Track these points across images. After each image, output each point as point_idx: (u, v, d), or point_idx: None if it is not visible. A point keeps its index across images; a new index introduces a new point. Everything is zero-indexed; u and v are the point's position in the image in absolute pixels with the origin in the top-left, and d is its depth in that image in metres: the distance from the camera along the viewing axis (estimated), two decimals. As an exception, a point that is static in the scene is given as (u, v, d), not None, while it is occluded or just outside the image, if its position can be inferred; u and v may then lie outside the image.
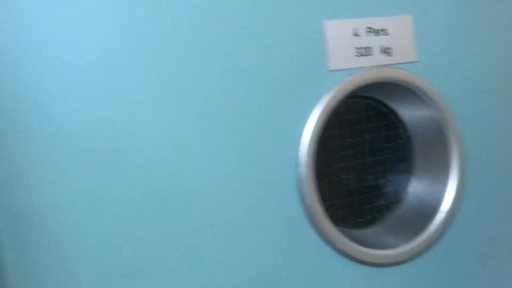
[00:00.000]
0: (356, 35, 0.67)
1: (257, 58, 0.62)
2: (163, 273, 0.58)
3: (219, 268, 0.61)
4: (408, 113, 0.77)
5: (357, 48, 0.68)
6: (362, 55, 0.68)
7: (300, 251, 0.65)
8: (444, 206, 0.73)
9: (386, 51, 0.69)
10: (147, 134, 0.57)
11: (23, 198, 0.51)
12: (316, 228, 0.65)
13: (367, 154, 0.77)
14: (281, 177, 0.64)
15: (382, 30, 0.69)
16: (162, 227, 0.58)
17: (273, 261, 0.63)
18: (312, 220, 0.65)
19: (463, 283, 0.75)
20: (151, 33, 0.57)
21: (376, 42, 0.69)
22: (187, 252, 0.59)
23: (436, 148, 0.75)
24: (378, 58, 0.69)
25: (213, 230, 0.60)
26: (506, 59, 0.76)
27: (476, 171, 0.75)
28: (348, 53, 0.67)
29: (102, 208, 0.54)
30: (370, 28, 0.68)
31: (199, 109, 0.59)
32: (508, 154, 0.77)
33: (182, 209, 0.59)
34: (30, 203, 0.51)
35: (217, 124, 0.61)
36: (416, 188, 0.78)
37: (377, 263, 0.68)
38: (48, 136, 0.52)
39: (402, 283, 0.71)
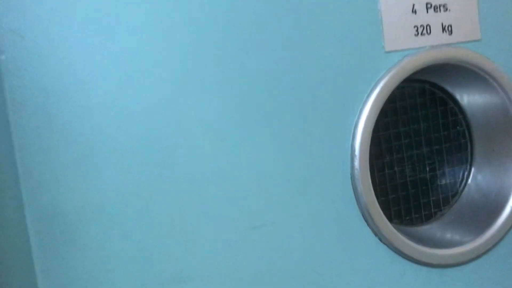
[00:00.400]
0: (414, 12, 0.61)
1: (308, 41, 0.56)
2: (210, 278, 0.53)
3: (269, 271, 0.56)
4: (468, 97, 0.70)
5: (415, 27, 0.61)
6: (420, 34, 0.61)
7: (355, 251, 0.59)
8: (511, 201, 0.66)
9: (447, 29, 0.62)
10: (191, 131, 0.52)
11: (61, 198, 0.47)
12: (371, 227, 0.59)
13: (423, 144, 0.70)
14: (334, 172, 0.58)
15: (442, 5, 0.62)
16: (208, 229, 0.53)
17: (325, 262, 0.58)
18: (368, 217, 0.59)
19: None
20: (191, 21, 0.52)
21: (436, 19, 0.62)
22: (235, 255, 0.54)
23: (499, 136, 0.68)
24: (438, 37, 0.62)
25: (261, 231, 0.55)
26: None
27: (546, 160, 0.68)
28: (405, 32, 0.60)
29: (142, 209, 0.50)
30: (429, 3, 0.61)
31: (245, 100, 0.54)
32: None
33: (228, 209, 0.54)
34: (68, 203, 0.47)
35: (265, 116, 0.55)
36: (476, 180, 0.71)
37: (436, 264, 0.62)
38: (84, 133, 0.47)
39: (464, 286, 0.65)
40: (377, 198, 0.66)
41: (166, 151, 0.51)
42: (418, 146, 0.70)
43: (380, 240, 0.60)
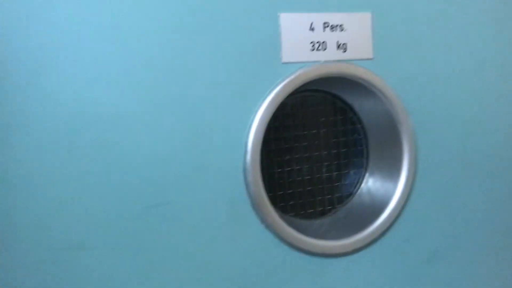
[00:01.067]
0: (311, 29, 0.69)
1: (211, 47, 0.64)
2: (111, 248, 0.60)
3: (162, 245, 0.63)
4: (364, 109, 0.78)
5: (312, 42, 0.69)
6: (316, 50, 0.69)
7: (242, 235, 0.67)
8: (392, 202, 0.75)
9: (341, 46, 0.71)
10: (94, 114, 0.59)
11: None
12: (259, 214, 0.67)
13: (322, 147, 0.78)
14: (229, 163, 0.66)
15: (339, 25, 0.70)
16: (110, 204, 0.60)
17: (214, 242, 0.65)
18: (255, 206, 0.67)
19: (408, 280, 0.77)
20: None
21: (332, 38, 0.70)
22: (133, 230, 0.61)
23: (389, 145, 0.77)
24: (333, 53, 0.70)
25: (158, 210, 0.62)
26: (459, 59, 0.77)
27: (427, 169, 0.76)
28: (302, 47, 0.68)
29: (48, 183, 0.57)
30: (326, 23, 0.70)
31: (151, 94, 0.61)
32: (459, 152, 0.78)
33: (129, 187, 0.61)
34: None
35: (171, 108, 0.62)
36: (368, 183, 0.80)
37: (317, 253, 0.70)
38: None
39: (342, 275, 0.72)
40: (275, 192, 0.75)
41: (76, 131, 0.58)
42: (317, 149, 0.78)
43: (266, 227, 0.68)
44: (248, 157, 0.66)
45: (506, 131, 0.80)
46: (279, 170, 0.75)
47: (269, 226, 0.68)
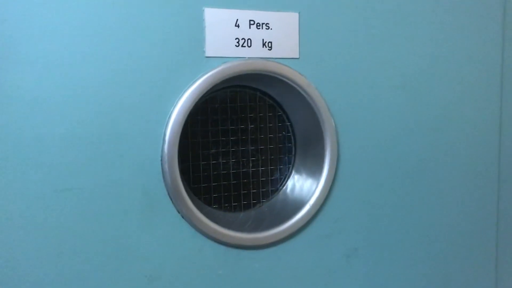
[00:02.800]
0: (237, 26, 0.70)
1: (136, 37, 0.65)
2: (19, 229, 0.61)
3: (72, 231, 0.64)
4: (292, 107, 0.80)
5: (237, 39, 0.71)
6: (241, 46, 0.71)
7: (158, 224, 0.68)
8: (312, 199, 0.77)
9: (267, 44, 0.72)
10: (16, 99, 0.60)
11: None
12: (175, 204, 0.68)
13: (249, 143, 0.80)
14: (147, 153, 0.67)
15: (264, 24, 0.72)
16: (18, 188, 0.61)
17: (129, 230, 0.66)
18: (172, 196, 0.68)
19: (327, 275, 0.79)
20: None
21: (257, 35, 0.72)
22: (40, 213, 0.62)
23: (314, 143, 0.79)
24: (258, 51, 0.72)
25: (67, 194, 0.63)
26: (383, 59, 0.79)
27: (348, 167, 0.78)
28: (227, 42, 0.70)
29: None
30: (252, 20, 0.71)
31: (70, 79, 0.62)
32: (380, 151, 0.80)
33: (37, 172, 0.61)
34: None
35: (90, 95, 0.63)
36: (294, 179, 0.82)
37: (233, 244, 0.72)
38: None
39: (259, 267, 0.74)
40: (199, 184, 0.76)
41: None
42: (244, 144, 0.80)
43: (182, 217, 0.69)
44: (166, 147, 0.67)
45: (427, 131, 0.83)
46: (204, 162, 0.77)
47: (185, 216, 0.69)
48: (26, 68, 0.60)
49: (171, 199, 0.68)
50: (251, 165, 0.80)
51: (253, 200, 0.81)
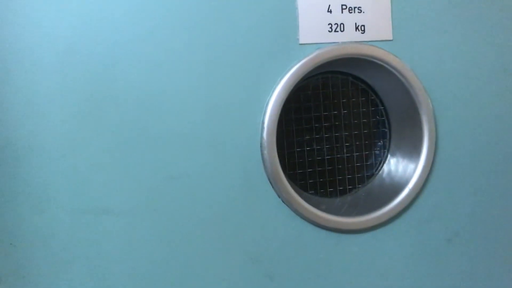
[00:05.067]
0: (329, 11, 0.71)
1: (231, 28, 0.68)
2: (132, 214, 0.66)
3: (181, 215, 0.68)
4: (385, 91, 0.79)
5: (330, 24, 0.71)
6: (334, 31, 0.71)
7: (259, 208, 0.70)
8: (411, 182, 0.75)
9: (360, 28, 0.72)
10: (131, 95, 0.65)
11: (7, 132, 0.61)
12: (275, 189, 0.70)
13: (343, 128, 0.80)
14: (246, 140, 0.70)
15: (357, 7, 0.72)
16: (133, 175, 0.66)
17: (232, 215, 0.70)
18: (272, 181, 0.70)
19: (428, 260, 0.77)
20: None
21: (350, 19, 0.72)
22: (154, 199, 0.67)
23: (410, 126, 0.77)
24: (351, 35, 0.72)
25: (178, 181, 0.67)
26: (480, 41, 0.76)
27: (447, 150, 0.76)
28: (320, 28, 0.71)
29: (76, 148, 0.64)
30: (344, 5, 0.71)
31: (173, 71, 0.66)
32: (479, 135, 0.77)
33: (152, 160, 0.66)
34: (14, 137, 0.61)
35: (192, 89, 0.67)
36: (389, 164, 0.81)
37: (333, 228, 0.72)
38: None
39: (358, 251, 0.74)
40: (295, 170, 0.78)
41: (103, 102, 0.64)
42: (338, 130, 0.80)
43: (283, 201, 0.71)
44: (265, 134, 0.69)
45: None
46: (299, 149, 0.78)
47: (285, 201, 0.71)
48: (137, 69, 0.65)
49: (271, 184, 0.70)
50: (345, 150, 0.81)
51: (348, 186, 0.81)
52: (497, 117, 0.78)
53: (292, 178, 0.79)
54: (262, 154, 0.70)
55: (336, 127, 0.80)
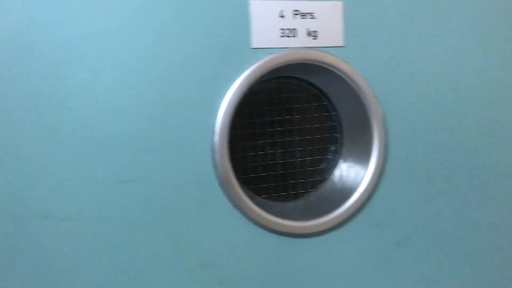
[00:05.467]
0: (281, 16, 0.71)
1: (183, 31, 0.67)
2: (78, 219, 0.64)
3: (132, 220, 0.66)
4: (338, 96, 0.80)
5: (282, 29, 0.72)
6: (286, 36, 0.72)
7: (210, 213, 0.70)
8: (361, 187, 0.77)
9: (312, 34, 0.73)
10: (76, 96, 0.63)
11: None
12: (227, 193, 0.70)
13: (296, 133, 0.81)
14: (197, 144, 0.69)
15: (309, 13, 0.73)
16: (79, 179, 0.64)
17: (183, 219, 0.68)
18: (223, 185, 0.70)
19: (378, 264, 0.79)
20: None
21: (302, 25, 0.72)
22: (102, 204, 0.65)
23: (361, 131, 0.78)
24: (303, 40, 0.73)
25: (127, 186, 0.66)
26: (429, 48, 0.78)
27: (397, 156, 0.78)
28: (272, 33, 0.71)
29: (18, 151, 0.62)
30: (296, 10, 0.72)
31: (123, 73, 0.65)
32: (428, 140, 0.79)
33: (100, 164, 0.64)
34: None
35: (142, 90, 0.66)
36: (341, 169, 0.82)
37: (285, 232, 0.72)
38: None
39: (310, 255, 0.75)
40: (247, 174, 0.77)
41: (50, 112, 0.62)
42: (290, 135, 0.80)
43: (234, 206, 0.71)
44: (216, 138, 0.69)
45: (480, 120, 0.81)
46: (252, 153, 0.78)
47: (236, 205, 0.70)
48: (81, 70, 0.63)
49: (222, 189, 0.70)
50: (298, 155, 0.81)
51: (301, 190, 0.81)
52: (446, 123, 0.80)
53: (245, 182, 0.78)
54: (213, 158, 0.69)
55: (290, 132, 0.81)
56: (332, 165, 0.82)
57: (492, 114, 0.82)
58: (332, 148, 0.82)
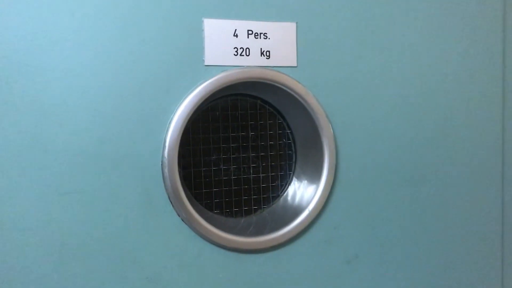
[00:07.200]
0: (235, 35, 0.73)
1: (138, 46, 0.68)
2: (23, 230, 0.64)
3: (74, 233, 0.66)
4: (291, 115, 0.82)
5: (236, 48, 0.73)
6: (240, 55, 0.73)
7: (159, 227, 0.70)
8: (311, 204, 0.78)
9: (265, 53, 0.75)
10: (22, 98, 0.64)
11: None
12: (176, 208, 0.70)
13: (250, 149, 0.82)
14: (147, 158, 0.69)
15: (263, 33, 0.74)
16: (22, 191, 0.64)
17: (129, 232, 0.69)
18: (172, 200, 0.70)
19: (328, 282, 0.80)
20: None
21: (255, 44, 0.74)
22: (44, 215, 0.65)
23: (313, 150, 0.80)
24: (256, 59, 0.74)
25: (70, 197, 0.66)
26: (380, 67, 0.80)
27: (347, 174, 0.79)
28: (226, 52, 0.72)
29: None
30: (250, 30, 0.74)
31: (74, 83, 0.65)
32: (379, 159, 0.81)
33: (41, 171, 0.64)
34: None
35: (93, 101, 0.66)
36: (294, 186, 0.83)
37: (232, 248, 0.73)
38: None
39: (259, 271, 0.75)
40: (200, 190, 0.78)
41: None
42: (245, 151, 0.82)
43: (182, 220, 0.71)
44: (166, 152, 0.70)
45: (426, 139, 0.84)
46: (206, 169, 0.79)
47: (185, 220, 0.71)
48: (31, 77, 0.64)
49: (171, 203, 0.71)
50: (252, 171, 0.82)
51: (254, 206, 0.82)
52: (395, 141, 0.82)
53: (197, 197, 0.79)
54: (162, 172, 0.70)
55: (244, 148, 0.82)
56: (286, 182, 0.84)
57: (443, 128, 0.85)
58: (286, 165, 0.84)
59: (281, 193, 0.84)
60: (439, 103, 0.84)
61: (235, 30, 0.73)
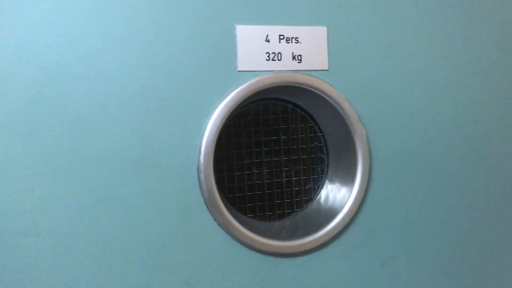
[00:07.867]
0: (267, 40, 0.74)
1: (173, 53, 0.69)
2: (62, 236, 0.65)
3: (110, 239, 0.67)
4: (323, 118, 0.82)
5: (268, 53, 0.74)
6: (272, 60, 0.74)
7: (194, 231, 0.71)
8: (345, 207, 0.78)
9: (297, 58, 0.75)
10: (59, 112, 0.65)
11: None
12: (211, 212, 0.71)
13: (282, 153, 0.82)
14: (183, 163, 0.70)
15: (294, 38, 0.75)
16: (63, 197, 0.66)
17: (166, 237, 0.70)
18: (208, 204, 0.71)
19: (363, 285, 0.79)
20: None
21: (287, 49, 0.75)
22: (85, 221, 0.66)
23: (346, 152, 0.80)
24: (288, 64, 0.75)
25: (110, 203, 0.67)
26: (411, 67, 0.80)
27: (381, 176, 0.79)
28: (258, 57, 0.73)
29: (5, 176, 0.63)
30: (282, 35, 0.74)
31: (110, 92, 0.67)
32: (411, 161, 0.80)
33: (83, 182, 0.66)
34: None
35: (130, 109, 0.68)
36: (327, 189, 0.83)
37: (268, 252, 0.73)
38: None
39: (294, 275, 0.75)
40: (234, 194, 0.79)
41: (32, 127, 0.64)
42: (277, 155, 0.82)
43: (218, 225, 0.72)
44: (202, 157, 0.70)
45: (459, 140, 0.83)
46: (239, 173, 0.79)
47: (221, 224, 0.71)
48: (71, 88, 0.65)
49: (207, 207, 0.71)
50: (284, 175, 0.83)
51: (287, 210, 0.82)
52: (428, 144, 0.82)
53: (231, 201, 0.80)
54: (198, 177, 0.71)
55: (276, 152, 0.82)
56: (318, 185, 0.84)
57: (475, 130, 0.84)
58: (318, 168, 0.84)
59: (314, 196, 0.84)
60: (472, 103, 0.83)
61: (267, 35, 0.74)
